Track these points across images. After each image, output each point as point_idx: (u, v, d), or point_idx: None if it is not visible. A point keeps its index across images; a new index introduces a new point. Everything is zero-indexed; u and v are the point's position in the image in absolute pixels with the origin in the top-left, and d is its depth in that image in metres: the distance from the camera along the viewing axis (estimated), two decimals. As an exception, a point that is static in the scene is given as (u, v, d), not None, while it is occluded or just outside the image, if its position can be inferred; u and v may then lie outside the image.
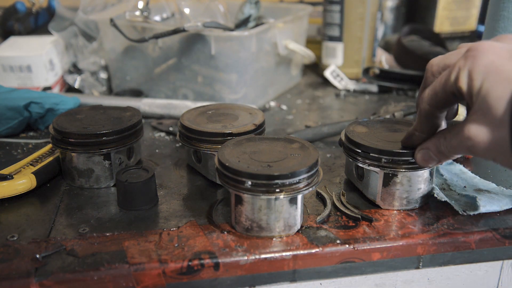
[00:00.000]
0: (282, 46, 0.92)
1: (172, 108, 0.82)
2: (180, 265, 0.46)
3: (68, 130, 0.58)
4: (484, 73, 0.40)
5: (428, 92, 0.46)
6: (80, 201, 0.57)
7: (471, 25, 1.41)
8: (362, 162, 0.54)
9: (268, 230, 0.49)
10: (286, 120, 0.84)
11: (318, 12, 1.20)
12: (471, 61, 0.41)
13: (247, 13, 0.91)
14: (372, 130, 0.58)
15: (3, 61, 0.86)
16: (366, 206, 0.56)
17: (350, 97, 0.97)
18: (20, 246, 0.48)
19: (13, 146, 0.72)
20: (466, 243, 0.50)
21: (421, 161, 0.50)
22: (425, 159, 0.49)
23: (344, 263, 0.49)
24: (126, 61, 0.91)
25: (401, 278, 0.55)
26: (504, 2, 0.68)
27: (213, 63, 0.83)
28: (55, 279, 0.44)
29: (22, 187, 0.56)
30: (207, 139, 0.59)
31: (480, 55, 0.41)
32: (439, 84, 0.45)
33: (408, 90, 0.97)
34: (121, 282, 0.45)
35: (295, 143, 0.53)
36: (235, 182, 0.48)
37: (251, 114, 0.64)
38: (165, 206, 0.56)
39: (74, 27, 0.96)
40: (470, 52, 0.42)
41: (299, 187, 0.48)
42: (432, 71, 0.48)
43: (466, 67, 0.41)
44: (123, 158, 0.62)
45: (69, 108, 0.77)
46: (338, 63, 1.03)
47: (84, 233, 0.50)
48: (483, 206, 0.52)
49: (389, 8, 1.35)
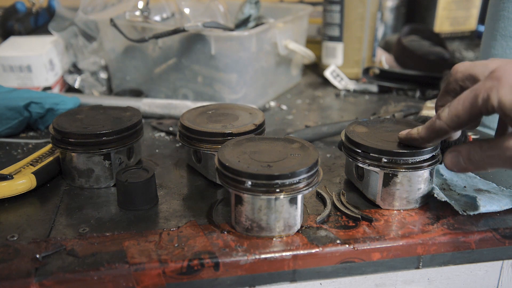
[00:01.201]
0: (282, 46, 0.92)
1: (172, 108, 0.82)
2: (180, 265, 0.46)
3: (68, 130, 0.58)
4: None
5: (449, 113, 0.45)
6: (80, 201, 0.57)
7: (471, 25, 1.41)
8: (362, 162, 0.54)
9: (268, 230, 0.49)
10: (286, 120, 0.84)
11: (318, 12, 1.20)
12: (499, 81, 0.41)
13: (247, 13, 0.91)
14: (372, 130, 0.58)
15: (3, 61, 0.86)
16: (366, 206, 0.56)
17: (350, 97, 0.97)
18: (20, 246, 0.48)
19: (13, 146, 0.72)
20: (466, 243, 0.50)
21: (449, 163, 0.48)
22: (453, 163, 0.47)
23: (344, 263, 0.49)
24: (126, 61, 0.91)
25: (401, 278, 0.55)
26: (504, 2, 0.68)
27: (213, 63, 0.83)
28: (55, 279, 0.44)
29: (22, 187, 0.56)
30: (207, 139, 0.59)
31: (507, 75, 0.41)
32: (462, 108, 0.44)
33: (408, 90, 0.97)
34: (121, 282, 0.45)
35: (295, 143, 0.53)
36: (235, 182, 0.48)
37: (251, 114, 0.64)
38: (165, 206, 0.56)
39: (74, 27, 0.96)
40: (495, 74, 0.42)
41: (299, 187, 0.48)
42: (456, 78, 0.47)
43: (495, 88, 0.41)
44: (123, 158, 0.62)
45: (69, 108, 0.77)
46: (338, 63, 1.03)
47: (84, 233, 0.50)
48: (483, 206, 0.52)
49: (389, 8, 1.35)
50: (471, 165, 0.46)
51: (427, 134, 0.49)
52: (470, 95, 0.43)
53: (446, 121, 0.45)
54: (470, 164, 0.46)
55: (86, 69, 0.95)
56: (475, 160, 0.45)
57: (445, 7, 1.35)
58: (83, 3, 0.94)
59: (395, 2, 1.35)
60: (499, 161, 0.43)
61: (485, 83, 0.42)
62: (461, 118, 0.44)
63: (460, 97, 0.44)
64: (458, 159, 0.47)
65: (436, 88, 0.94)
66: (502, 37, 0.68)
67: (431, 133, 0.48)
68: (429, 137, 0.49)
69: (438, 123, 0.46)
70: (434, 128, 0.47)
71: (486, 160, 0.44)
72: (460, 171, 0.48)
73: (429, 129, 0.48)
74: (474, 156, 0.45)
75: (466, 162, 0.46)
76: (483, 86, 0.42)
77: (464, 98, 0.44)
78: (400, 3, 1.36)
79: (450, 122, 0.45)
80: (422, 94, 0.95)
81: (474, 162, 0.45)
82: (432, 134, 0.48)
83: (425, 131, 0.49)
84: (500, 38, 0.69)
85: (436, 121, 0.47)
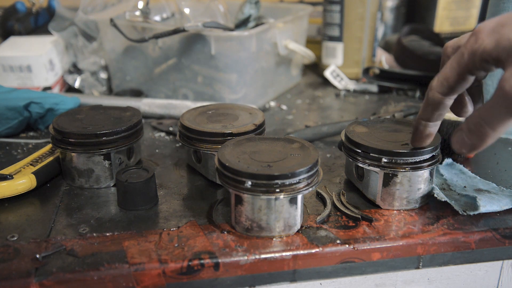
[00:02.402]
0: (282, 46, 0.92)
1: (172, 108, 0.82)
2: (180, 265, 0.46)
3: (68, 130, 0.58)
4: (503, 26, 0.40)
5: (438, 79, 0.45)
6: (80, 201, 0.57)
7: (471, 25, 1.41)
8: (362, 162, 0.54)
9: (268, 230, 0.49)
10: (286, 120, 0.84)
11: (318, 12, 1.20)
12: (479, 32, 0.41)
13: (247, 13, 0.91)
14: (372, 130, 0.58)
15: (3, 61, 0.86)
16: (366, 206, 0.56)
17: (350, 97, 0.97)
18: (20, 246, 0.48)
19: (13, 146, 0.72)
20: (466, 243, 0.50)
21: (456, 144, 0.45)
22: (458, 142, 0.44)
23: (344, 263, 0.49)
24: (126, 61, 0.91)
25: (401, 278, 0.55)
26: (504, 2, 0.68)
27: (213, 63, 0.83)
28: (55, 279, 0.44)
29: (22, 187, 0.56)
30: (207, 139, 0.59)
31: (488, 23, 0.41)
32: (450, 69, 0.43)
33: (408, 90, 0.97)
34: (121, 282, 0.45)
35: (295, 143, 0.53)
36: (235, 182, 0.48)
37: (251, 114, 0.64)
38: (165, 206, 0.56)
39: (74, 27, 0.96)
40: (476, 30, 0.42)
41: (299, 187, 0.48)
42: (447, 54, 0.47)
43: (477, 39, 0.41)
44: (123, 158, 0.62)
45: (69, 108, 0.77)
46: (338, 63, 1.03)
47: (84, 233, 0.50)
48: (483, 206, 0.52)
49: (389, 8, 1.35)
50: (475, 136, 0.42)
51: (424, 110, 0.48)
52: (456, 56, 0.43)
53: (437, 88, 0.45)
54: (473, 135, 0.42)
55: (86, 69, 0.95)
56: (476, 127, 0.42)
57: (445, 7, 1.35)
58: (83, 3, 0.94)
59: (395, 2, 1.35)
60: (503, 109, 0.40)
61: (468, 40, 0.42)
62: (450, 80, 0.44)
63: (447, 62, 0.44)
64: (461, 136, 0.44)
65: (436, 88, 0.94)
66: (502, 37, 0.68)
67: (428, 107, 0.47)
68: (427, 113, 0.48)
69: (431, 93, 0.46)
70: (428, 100, 0.47)
71: (487, 120, 0.41)
72: (469, 151, 0.44)
73: (424, 104, 0.48)
74: (473, 122, 0.42)
75: (469, 136, 0.43)
76: (467, 43, 0.42)
77: (451, 60, 0.44)
78: (400, 3, 1.36)
79: (440, 87, 0.45)
80: (422, 94, 0.95)
81: (476, 131, 0.42)
82: (428, 108, 0.47)
83: (422, 109, 0.48)
84: (500, 38, 0.69)
85: (429, 93, 0.46)
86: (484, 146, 0.43)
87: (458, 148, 0.45)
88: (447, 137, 0.62)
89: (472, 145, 0.43)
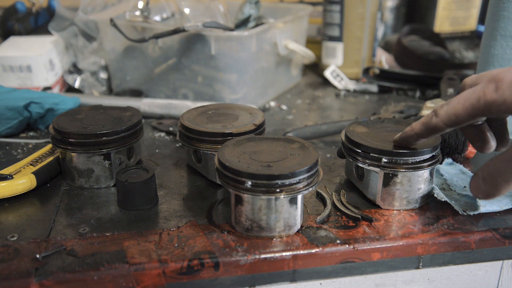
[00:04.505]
0: (282, 46, 0.92)
1: (172, 108, 0.82)
2: (180, 265, 0.46)
3: (68, 130, 0.58)
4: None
5: (448, 111, 0.45)
6: (80, 201, 0.57)
7: (471, 25, 1.41)
8: (362, 162, 0.54)
9: (268, 230, 0.49)
10: (286, 120, 0.84)
11: (318, 12, 1.20)
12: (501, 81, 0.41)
13: (247, 13, 0.91)
14: (372, 130, 0.58)
15: (3, 61, 0.86)
16: (366, 206, 0.56)
17: (350, 97, 0.97)
18: (20, 246, 0.48)
19: (13, 146, 0.72)
20: (466, 243, 0.50)
21: (472, 188, 0.45)
22: (474, 187, 0.45)
23: (344, 263, 0.49)
24: (126, 61, 0.91)
25: (401, 278, 0.55)
26: (504, 2, 0.68)
27: (213, 63, 0.83)
28: (55, 279, 0.44)
29: (22, 187, 0.56)
30: (207, 139, 0.59)
31: (510, 74, 0.41)
32: (462, 107, 0.43)
33: (408, 90, 0.97)
34: (121, 282, 0.45)
35: (295, 143, 0.53)
36: (235, 182, 0.48)
37: (251, 114, 0.64)
38: (165, 206, 0.56)
39: (74, 27, 0.96)
40: (497, 76, 0.41)
41: (299, 187, 0.48)
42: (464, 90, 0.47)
43: (497, 87, 0.41)
44: (123, 158, 0.62)
45: (69, 108, 0.77)
46: (338, 63, 1.03)
47: (84, 233, 0.50)
48: (483, 206, 0.52)
49: (389, 8, 1.35)
50: (489, 186, 0.43)
51: (422, 130, 0.48)
52: (471, 96, 0.43)
53: (443, 119, 0.45)
54: (487, 185, 0.43)
55: (86, 69, 0.95)
56: (490, 177, 0.43)
57: (445, 7, 1.35)
58: (83, 3, 0.94)
59: (395, 2, 1.35)
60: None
61: (487, 84, 0.42)
62: (460, 118, 0.44)
63: (460, 96, 0.44)
64: (478, 182, 0.44)
65: (436, 88, 0.94)
66: (502, 37, 0.69)
67: (427, 129, 0.48)
68: (424, 133, 0.49)
69: (435, 120, 0.46)
70: (430, 124, 0.47)
71: (501, 173, 0.42)
72: (485, 197, 0.44)
73: (424, 125, 0.48)
74: (488, 171, 0.43)
75: (483, 184, 0.44)
76: (485, 87, 0.42)
77: (465, 98, 0.43)
78: (400, 3, 1.37)
79: (447, 120, 0.45)
80: (422, 94, 0.95)
81: (490, 181, 0.43)
82: (427, 130, 0.48)
83: (420, 127, 0.49)
84: (500, 38, 0.69)
85: (433, 118, 0.46)
86: (499, 195, 0.44)
87: (474, 193, 0.45)
88: (447, 137, 0.62)
89: (487, 193, 0.44)
